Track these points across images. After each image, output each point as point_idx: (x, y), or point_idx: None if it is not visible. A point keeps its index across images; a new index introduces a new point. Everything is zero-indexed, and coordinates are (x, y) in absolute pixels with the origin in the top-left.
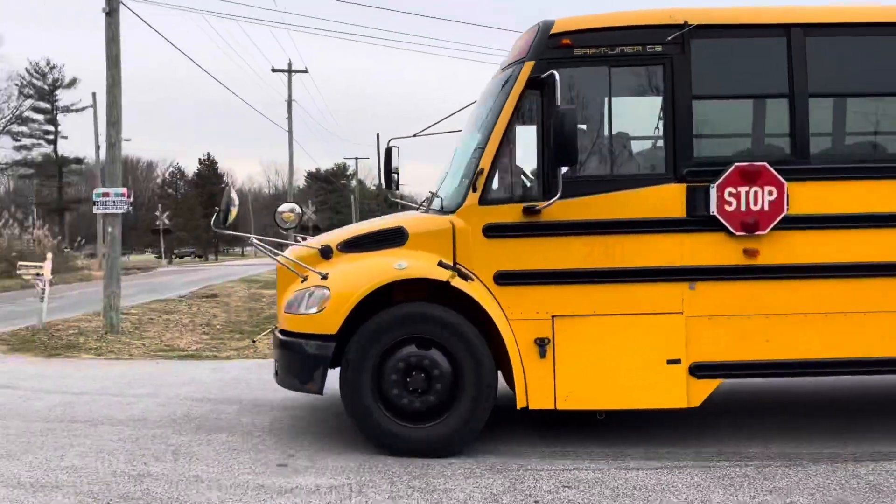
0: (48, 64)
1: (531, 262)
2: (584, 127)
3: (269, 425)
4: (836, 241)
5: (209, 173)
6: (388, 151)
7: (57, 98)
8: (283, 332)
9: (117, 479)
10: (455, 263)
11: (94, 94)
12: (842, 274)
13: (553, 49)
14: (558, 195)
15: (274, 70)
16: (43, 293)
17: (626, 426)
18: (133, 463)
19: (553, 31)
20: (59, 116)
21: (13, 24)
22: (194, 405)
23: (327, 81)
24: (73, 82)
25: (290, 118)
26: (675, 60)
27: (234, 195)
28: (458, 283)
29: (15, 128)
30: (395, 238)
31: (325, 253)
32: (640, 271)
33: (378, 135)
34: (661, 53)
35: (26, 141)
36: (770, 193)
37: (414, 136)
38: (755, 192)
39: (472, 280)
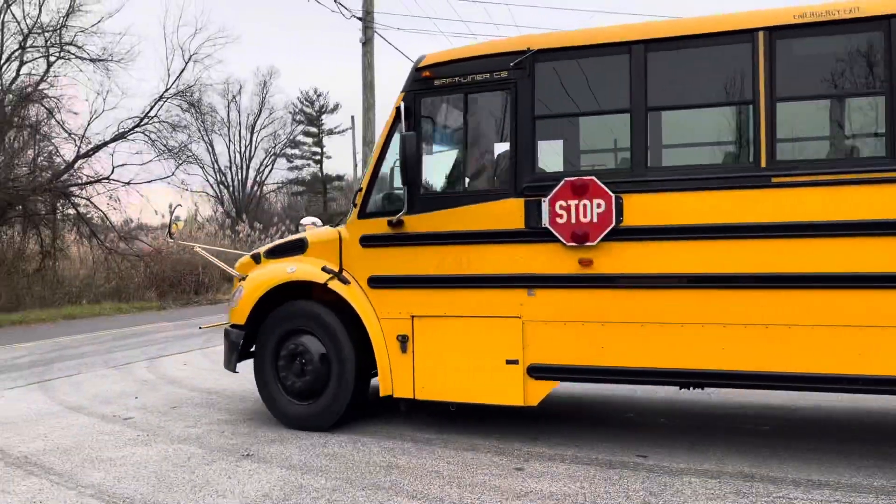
0: (315, 92)
1: (395, 268)
2: (442, 149)
3: (503, 430)
4: (672, 251)
5: None
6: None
7: (322, 122)
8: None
9: (370, 469)
10: (341, 269)
11: (352, 118)
12: (678, 284)
13: (418, 81)
14: (405, 210)
15: None
16: None
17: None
18: (384, 455)
19: (419, 65)
20: (324, 139)
21: (286, 58)
22: (437, 408)
23: None
24: (335, 107)
25: None
26: (520, 84)
27: (178, 213)
28: (334, 285)
29: (289, 151)
30: (299, 247)
31: (256, 259)
32: (483, 278)
33: None
34: (507, 79)
35: (298, 162)
36: (599, 206)
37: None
38: (584, 205)
39: (351, 283)
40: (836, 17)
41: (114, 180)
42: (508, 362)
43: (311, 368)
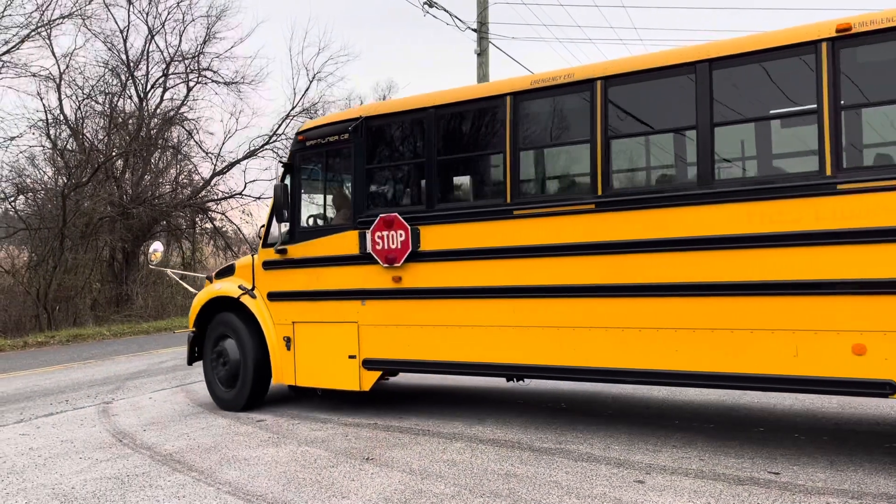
0: None
1: (283, 285)
2: (314, 192)
3: (624, 441)
4: (452, 269)
5: None
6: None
7: None
8: None
9: (488, 477)
10: (253, 287)
11: None
12: (457, 295)
13: (298, 143)
14: (281, 241)
15: None
16: None
17: None
18: (501, 463)
19: (298, 130)
20: None
21: (402, 72)
22: (556, 416)
23: None
24: None
25: None
26: (355, 143)
27: (157, 245)
28: (244, 299)
29: None
30: (229, 271)
31: (210, 279)
32: (334, 292)
33: None
34: (348, 139)
35: None
36: (401, 235)
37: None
38: (391, 235)
39: (258, 298)
40: (557, 82)
41: (246, 195)
42: (350, 357)
43: (229, 364)
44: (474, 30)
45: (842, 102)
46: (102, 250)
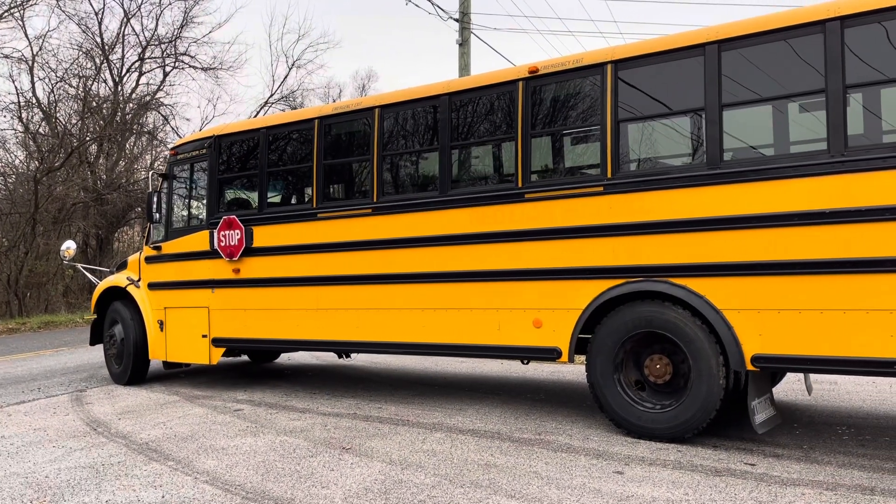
0: None
1: (158, 277)
2: (184, 197)
3: (603, 433)
4: (278, 262)
5: None
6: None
7: None
8: None
9: (468, 467)
10: (139, 278)
11: None
12: (282, 283)
13: (173, 156)
14: (154, 240)
15: None
16: None
17: None
18: (481, 453)
19: (172, 146)
20: None
21: (382, 62)
22: (535, 407)
23: None
24: None
25: None
26: (211, 157)
27: (70, 243)
28: (130, 289)
29: None
30: (124, 265)
31: (113, 272)
32: (192, 282)
33: None
34: (206, 154)
35: None
36: (237, 234)
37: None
38: (231, 234)
39: (141, 288)
40: (348, 109)
41: None
42: (203, 336)
43: (117, 344)
44: (456, 20)
45: (530, 132)
46: (75, 236)
